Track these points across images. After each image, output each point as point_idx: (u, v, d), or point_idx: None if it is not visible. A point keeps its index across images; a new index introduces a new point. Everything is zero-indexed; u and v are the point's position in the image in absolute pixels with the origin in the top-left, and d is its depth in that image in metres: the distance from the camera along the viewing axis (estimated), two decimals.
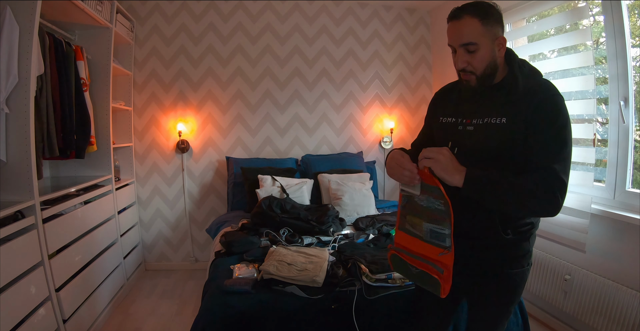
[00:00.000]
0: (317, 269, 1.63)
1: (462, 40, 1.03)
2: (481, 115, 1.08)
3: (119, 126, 2.90)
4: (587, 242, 1.90)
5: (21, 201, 1.58)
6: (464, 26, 1.02)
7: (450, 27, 1.05)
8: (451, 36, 1.05)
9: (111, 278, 2.42)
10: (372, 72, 3.36)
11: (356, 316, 1.47)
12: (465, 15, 1.01)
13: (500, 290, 1.14)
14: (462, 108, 1.14)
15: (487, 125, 1.06)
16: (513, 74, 1.06)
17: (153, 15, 2.99)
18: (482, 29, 1.01)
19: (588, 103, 1.97)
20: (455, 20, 1.03)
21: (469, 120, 1.10)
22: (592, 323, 1.85)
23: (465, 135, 1.10)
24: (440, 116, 1.20)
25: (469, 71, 1.05)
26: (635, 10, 1.87)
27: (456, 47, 1.05)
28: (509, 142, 1.02)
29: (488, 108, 1.07)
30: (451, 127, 1.14)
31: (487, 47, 1.03)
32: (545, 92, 1.02)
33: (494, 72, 1.06)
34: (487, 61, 1.04)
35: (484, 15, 1.01)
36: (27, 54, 1.61)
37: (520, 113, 1.01)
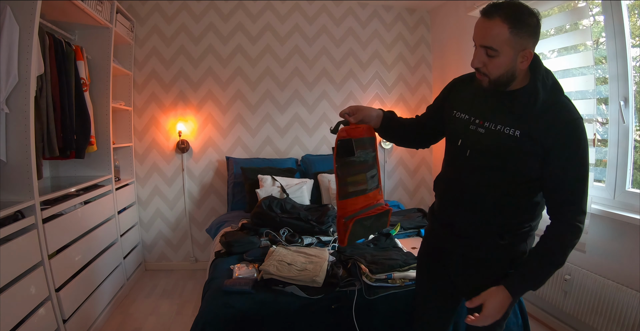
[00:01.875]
0: (317, 269, 1.63)
1: (483, 42, 0.96)
2: (495, 120, 1.04)
3: (119, 126, 2.90)
4: (587, 242, 1.90)
5: (21, 201, 1.58)
6: (491, 28, 0.94)
7: (479, 21, 0.97)
8: (476, 33, 0.99)
9: (111, 278, 2.42)
10: (372, 72, 3.36)
11: (356, 316, 1.47)
12: (497, 17, 0.93)
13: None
14: (477, 106, 1.10)
15: (499, 133, 1.02)
16: (535, 86, 1.00)
17: (153, 15, 2.99)
18: (509, 37, 0.93)
19: (588, 103, 1.97)
20: (486, 18, 0.95)
21: (482, 121, 1.07)
22: (592, 323, 1.85)
23: (476, 137, 1.07)
24: (455, 110, 1.15)
25: (483, 72, 1.01)
26: (635, 10, 1.87)
27: (477, 45, 0.99)
28: (519, 156, 1.00)
29: (503, 115, 1.03)
30: (463, 124, 1.11)
31: (508, 56, 0.95)
32: (566, 115, 0.98)
33: (509, 82, 1.00)
34: (503, 69, 0.97)
35: (517, 22, 0.92)
36: (27, 54, 1.61)
37: (537, 132, 0.98)
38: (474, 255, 1.14)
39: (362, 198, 1.22)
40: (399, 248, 1.88)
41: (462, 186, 1.12)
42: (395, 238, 2.09)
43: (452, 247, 1.17)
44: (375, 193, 1.27)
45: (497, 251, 1.11)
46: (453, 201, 1.15)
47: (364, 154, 1.21)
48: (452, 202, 1.16)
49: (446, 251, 1.19)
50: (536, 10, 0.96)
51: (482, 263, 1.13)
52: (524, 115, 1.00)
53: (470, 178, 1.10)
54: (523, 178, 1.03)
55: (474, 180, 1.09)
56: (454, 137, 1.14)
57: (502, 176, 1.05)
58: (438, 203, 1.23)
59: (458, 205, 1.14)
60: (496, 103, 1.06)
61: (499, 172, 1.05)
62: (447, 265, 1.20)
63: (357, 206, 1.21)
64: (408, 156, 3.51)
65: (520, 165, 1.02)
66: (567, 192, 0.99)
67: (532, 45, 0.97)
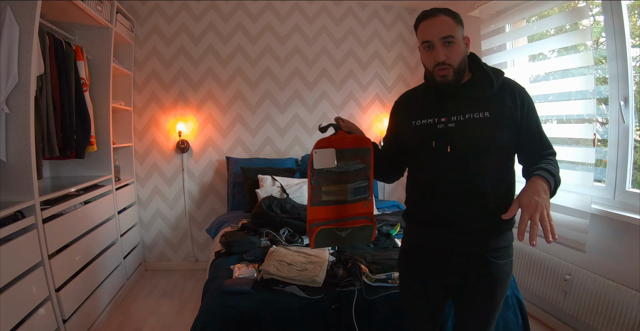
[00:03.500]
0: (317, 269, 1.63)
1: (442, 34, 1.09)
2: (461, 111, 1.13)
3: (119, 126, 2.90)
4: (587, 241, 1.90)
5: (21, 201, 1.58)
6: (443, 22, 1.10)
7: (427, 24, 1.12)
8: (430, 31, 1.11)
9: (111, 278, 2.42)
10: (372, 72, 3.36)
11: (356, 316, 1.47)
12: (441, 14, 1.11)
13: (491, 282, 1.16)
14: (434, 109, 1.17)
15: (471, 120, 1.11)
16: (485, 72, 1.16)
17: (153, 15, 2.99)
18: (455, 25, 1.11)
19: (588, 103, 1.97)
20: (433, 18, 1.11)
21: (446, 118, 1.14)
22: (592, 323, 1.85)
23: (448, 133, 1.13)
24: (412, 120, 1.20)
25: (448, 64, 1.10)
26: (635, 10, 1.87)
27: (435, 42, 1.10)
28: (497, 133, 1.10)
29: (467, 104, 1.13)
30: (429, 127, 1.16)
31: (460, 41, 1.11)
32: (519, 87, 1.16)
33: (465, 68, 1.15)
34: (461, 55, 1.12)
35: (454, 15, 1.12)
36: (27, 54, 1.61)
37: (504, 107, 1.11)
38: (473, 251, 1.15)
39: (338, 209, 1.22)
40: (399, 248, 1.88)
41: (454, 184, 1.13)
42: (395, 238, 2.09)
43: (448, 247, 1.16)
44: (360, 205, 1.25)
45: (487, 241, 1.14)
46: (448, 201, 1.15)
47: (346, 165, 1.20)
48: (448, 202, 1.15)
49: (439, 252, 1.18)
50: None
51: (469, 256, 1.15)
52: (484, 98, 1.13)
53: (460, 173, 1.12)
54: (506, 154, 1.15)
55: (464, 173, 1.12)
56: (425, 142, 1.16)
57: (489, 159, 1.12)
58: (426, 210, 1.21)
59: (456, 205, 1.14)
60: (452, 100, 1.16)
61: (483, 156, 1.11)
62: (439, 265, 1.19)
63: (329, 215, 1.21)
64: None
65: (501, 141, 1.11)
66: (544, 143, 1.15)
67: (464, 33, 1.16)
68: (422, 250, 1.23)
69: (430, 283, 1.22)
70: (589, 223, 1.87)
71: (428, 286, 1.23)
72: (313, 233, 1.18)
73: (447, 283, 1.21)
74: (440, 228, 1.17)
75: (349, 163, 1.20)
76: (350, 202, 1.23)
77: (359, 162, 1.22)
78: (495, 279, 1.15)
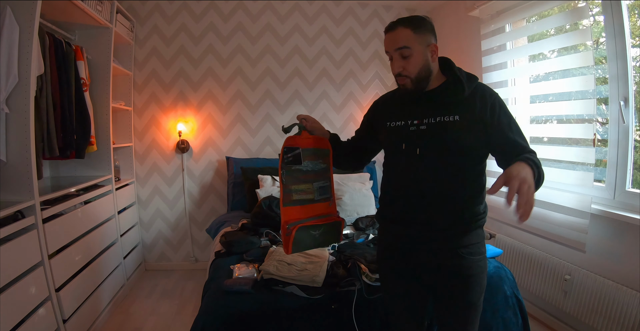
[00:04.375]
0: (317, 269, 1.64)
1: (396, 45, 1.13)
2: (432, 115, 1.17)
3: (119, 126, 2.90)
4: (587, 242, 1.90)
5: (21, 201, 1.58)
6: (398, 34, 1.13)
7: (386, 37, 1.17)
8: (387, 44, 1.16)
9: (111, 278, 2.42)
10: (372, 72, 3.36)
11: (356, 316, 1.47)
12: (399, 27, 1.13)
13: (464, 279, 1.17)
14: (408, 111, 1.22)
15: (441, 123, 1.15)
16: (456, 76, 1.18)
17: (153, 15, 2.99)
18: (414, 36, 1.12)
19: (588, 103, 1.97)
20: (391, 31, 1.15)
21: (419, 120, 1.18)
22: (592, 323, 1.85)
23: (419, 135, 1.17)
24: (387, 121, 1.26)
25: (404, 75, 1.15)
26: (635, 10, 1.87)
27: (392, 53, 1.15)
28: (466, 136, 1.13)
29: (438, 108, 1.17)
30: (401, 129, 1.21)
31: (419, 52, 1.13)
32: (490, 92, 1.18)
33: (427, 76, 1.16)
34: (420, 65, 1.14)
35: (415, 24, 1.13)
36: (27, 54, 1.61)
37: (474, 112, 1.14)
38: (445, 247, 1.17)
39: (308, 208, 1.26)
40: None
41: (423, 184, 1.17)
42: None
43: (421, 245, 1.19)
44: (325, 205, 1.31)
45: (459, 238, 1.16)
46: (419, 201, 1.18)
47: (311, 165, 1.26)
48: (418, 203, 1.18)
49: (413, 250, 1.20)
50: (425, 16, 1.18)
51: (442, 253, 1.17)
52: (454, 102, 1.16)
53: (429, 174, 1.16)
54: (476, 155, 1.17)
55: (434, 174, 1.16)
56: (397, 144, 1.22)
57: (459, 160, 1.15)
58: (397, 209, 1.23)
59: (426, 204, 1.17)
60: (426, 103, 1.20)
61: (452, 158, 1.15)
62: (414, 263, 1.21)
63: (302, 215, 1.25)
64: None
65: (468, 144, 1.14)
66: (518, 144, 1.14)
67: (434, 40, 1.17)
68: (395, 249, 1.25)
69: (408, 282, 1.25)
70: (589, 223, 1.87)
71: (406, 285, 1.25)
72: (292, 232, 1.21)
73: (423, 280, 1.23)
74: (410, 226, 1.19)
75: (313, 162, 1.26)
76: (317, 201, 1.29)
77: (321, 162, 1.29)
78: (469, 274, 1.17)
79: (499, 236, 2.49)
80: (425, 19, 1.16)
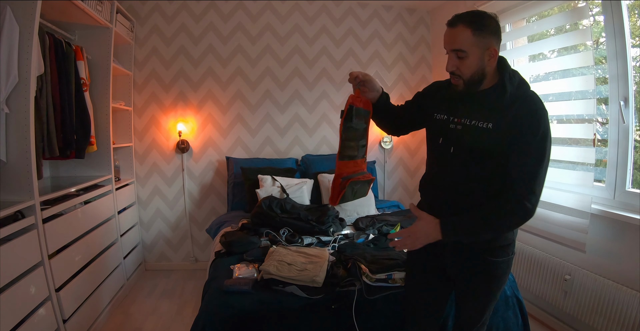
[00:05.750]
0: (317, 269, 1.63)
1: (452, 46, 1.11)
2: (470, 116, 1.15)
3: (119, 126, 2.90)
4: (587, 241, 1.90)
5: (21, 201, 1.58)
6: (457, 34, 1.09)
7: (446, 32, 1.13)
8: (445, 41, 1.13)
9: (111, 278, 2.42)
10: (372, 72, 3.36)
11: (356, 316, 1.47)
12: (460, 24, 1.08)
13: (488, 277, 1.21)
14: (453, 106, 1.21)
15: (474, 128, 1.14)
16: (503, 82, 1.13)
17: (153, 15, 2.99)
18: (473, 39, 1.08)
19: (588, 103, 1.97)
20: (451, 28, 1.11)
21: (459, 119, 1.18)
22: (592, 323, 1.85)
23: (455, 133, 1.18)
24: (434, 112, 1.27)
25: (457, 75, 1.13)
26: (635, 10, 1.87)
27: (448, 51, 1.13)
28: (495, 146, 1.11)
29: (477, 111, 1.15)
30: (443, 124, 1.21)
31: (475, 56, 1.09)
32: (530, 105, 1.10)
33: (481, 80, 1.13)
34: (474, 68, 1.11)
35: (478, 26, 1.08)
36: (27, 54, 1.61)
37: (505, 121, 1.09)
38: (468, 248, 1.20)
39: (352, 163, 1.33)
40: None
41: (452, 182, 1.19)
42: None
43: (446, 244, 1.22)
44: (362, 161, 1.38)
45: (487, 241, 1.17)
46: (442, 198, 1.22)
47: (359, 124, 1.30)
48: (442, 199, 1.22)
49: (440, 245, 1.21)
50: (494, 14, 1.12)
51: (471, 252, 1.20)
52: (494, 108, 1.12)
53: (458, 173, 1.18)
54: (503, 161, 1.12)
55: (462, 174, 1.18)
56: (436, 137, 1.24)
57: (485, 166, 1.14)
58: (429, 203, 1.28)
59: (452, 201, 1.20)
60: (470, 102, 1.18)
61: (481, 163, 1.14)
62: (441, 256, 1.26)
63: (350, 169, 1.32)
64: (408, 156, 3.51)
65: (495, 154, 1.12)
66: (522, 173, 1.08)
67: (495, 43, 1.12)
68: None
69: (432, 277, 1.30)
70: (589, 223, 1.87)
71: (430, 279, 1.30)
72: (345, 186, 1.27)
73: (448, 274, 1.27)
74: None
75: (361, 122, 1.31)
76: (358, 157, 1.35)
77: (364, 122, 1.33)
78: (491, 275, 1.20)
79: None
80: (491, 18, 1.10)
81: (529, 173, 1.08)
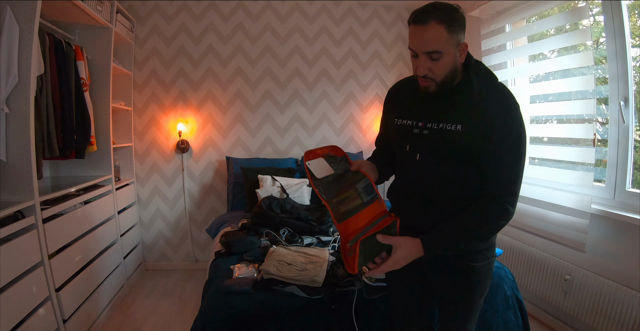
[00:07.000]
0: (317, 269, 1.64)
1: (426, 48, 0.97)
2: (436, 119, 1.06)
3: (119, 126, 2.90)
4: (587, 241, 1.90)
5: (21, 201, 1.58)
6: (430, 33, 0.95)
7: (414, 30, 0.98)
8: (415, 41, 0.99)
9: (111, 278, 2.42)
10: (372, 72, 3.36)
11: (356, 316, 1.47)
12: (432, 22, 0.95)
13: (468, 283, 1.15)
14: (416, 110, 1.12)
15: (442, 131, 1.04)
16: (469, 78, 1.04)
17: (153, 15, 2.99)
18: (447, 37, 0.96)
19: (588, 103, 1.97)
20: (421, 25, 0.96)
21: (423, 123, 1.08)
22: (592, 323, 1.85)
23: (422, 139, 1.08)
24: (395, 118, 1.17)
25: (429, 77, 1.02)
26: (635, 10, 1.87)
27: (419, 53, 0.99)
28: (466, 148, 1.02)
29: (443, 113, 1.05)
30: (407, 129, 1.12)
31: (450, 55, 0.98)
32: (501, 100, 1.01)
33: (453, 78, 1.04)
34: (449, 68, 1.00)
35: (450, 21, 0.95)
36: (27, 54, 1.61)
37: (475, 121, 1.00)
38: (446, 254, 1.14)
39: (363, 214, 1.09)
40: None
41: (421, 190, 1.12)
42: None
43: None
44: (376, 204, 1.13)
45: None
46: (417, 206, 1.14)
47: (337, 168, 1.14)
48: (416, 207, 1.14)
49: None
50: (457, 5, 0.99)
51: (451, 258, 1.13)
52: (462, 108, 1.03)
53: (427, 181, 1.11)
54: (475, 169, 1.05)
55: (431, 182, 1.10)
56: (402, 144, 1.14)
57: (457, 171, 1.06)
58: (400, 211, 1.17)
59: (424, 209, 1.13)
60: (436, 104, 1.08)
61: (453, 168, 1.06)
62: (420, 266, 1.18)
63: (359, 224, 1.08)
64: None
65: (467, 157, 1.03)
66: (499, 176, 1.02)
67: (464, 37, 1.01)
68: None
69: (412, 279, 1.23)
70: (589, 223, 1.87)
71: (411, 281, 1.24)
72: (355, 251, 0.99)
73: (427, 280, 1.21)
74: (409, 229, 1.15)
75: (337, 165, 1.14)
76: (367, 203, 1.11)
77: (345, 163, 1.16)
78: (471, 279, 1.14)
79: (499, 236, 2.50)
80: (457, 10, 0.98)
81: (507, 175, 1.01)
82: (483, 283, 1.16)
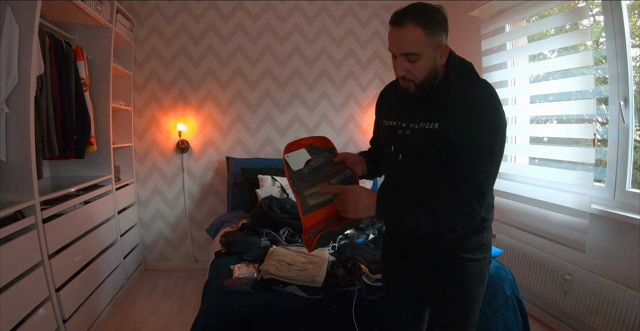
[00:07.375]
0: (317, 269, 1.64)
1: (403, 50, 0.98)
2: (417, 119, 1.07)
3: (119, 126, 2.90)
4: (587, 241, 1.90)
5: (21, 201, 1.58)
6: (407, 35, 0.96)
7: (392, 32, 0.99)
8: (393, 43, 1.00)
9: (111, 278, 2.42)
10: (372, 72, 3.36)
11: (356, 316, 1.47)
12: (409, 23, 0.95)
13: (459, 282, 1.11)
14: (401, 111, 1.13)
15: (422, 130, 1.05)
16: (447, 77, 1.04)
17: (153, 15, 2.99)
18: (425, 39, 0.96)
19: (588, 103, 1.97)
20: (398, 27, 0.97)
21: (406, 124, 1.09)
22: (592, 323, 1.85)
23: (404, 139, 1.09)
24: (384, 119, 1.18)
25: (408, 79, 1.02)
26: (635, 10, 1.87)
27: (397, 54, 1.00)
28: (444, 147, 1.01)
29: (424, 112, 1.06)
30: (392, 130, 1.13)
31: (428, 56, 0.99)
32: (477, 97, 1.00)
33: (434, 79, 1.04)
34: (427, 70, 1.00)
35: (428, 23, 0.95)
36: (27, 54, 1.61)
37: (452, 119, 0.99)
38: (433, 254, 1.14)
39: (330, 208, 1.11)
40: None
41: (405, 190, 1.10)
42: None
43: (413, 249, 1.17)
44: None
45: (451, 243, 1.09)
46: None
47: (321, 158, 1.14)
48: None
49: (409, 253, 1.19)
50: (439, 6, 0.99)
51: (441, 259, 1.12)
52: (441, 107, 1.02)
53: (410, 180, 1.11)
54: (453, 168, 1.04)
55: (414, 181, 1.10)
56: (388, 145, 1.15)
57: (439, 171, 1.05)
58: None
59: None
60: (419, 104, 1.08)
61: (434, 167, 1.05)
62: (412, 265, 1.19)
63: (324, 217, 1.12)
64: None
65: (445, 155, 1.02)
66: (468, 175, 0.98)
67: (445, 39, 1.01)
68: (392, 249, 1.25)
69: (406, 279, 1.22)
70: (589, 223, 1.87)
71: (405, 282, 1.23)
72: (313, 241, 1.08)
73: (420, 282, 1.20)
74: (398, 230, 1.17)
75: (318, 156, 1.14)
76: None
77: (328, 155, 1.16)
78: (462, 281, 1.11)
79: (499, 236, 2.49)
80: (439, 11, 0.98)
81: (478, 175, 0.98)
82: (475, 287, 1.12)
